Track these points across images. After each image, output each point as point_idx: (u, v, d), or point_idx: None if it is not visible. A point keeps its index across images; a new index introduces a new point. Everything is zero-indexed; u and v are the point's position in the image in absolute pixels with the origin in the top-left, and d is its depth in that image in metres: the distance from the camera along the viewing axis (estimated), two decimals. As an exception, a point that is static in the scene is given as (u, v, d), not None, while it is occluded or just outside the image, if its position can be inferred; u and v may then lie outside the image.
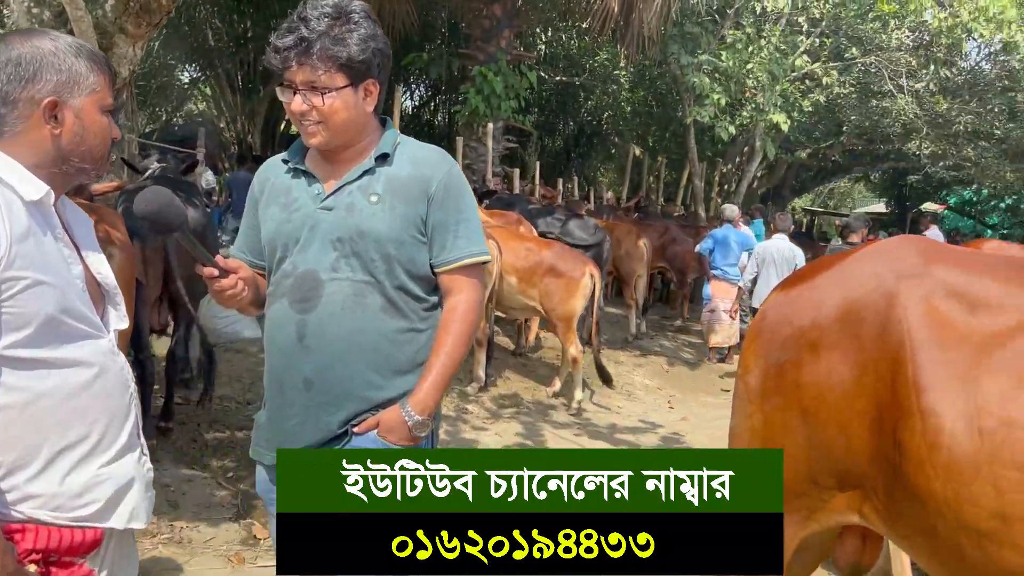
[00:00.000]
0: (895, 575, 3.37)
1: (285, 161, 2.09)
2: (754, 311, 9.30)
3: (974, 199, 26.17)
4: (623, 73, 17.46)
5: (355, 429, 1.97)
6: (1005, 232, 25.82)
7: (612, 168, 22.83)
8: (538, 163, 13.97)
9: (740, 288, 9.74)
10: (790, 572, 2.15)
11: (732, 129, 12.09)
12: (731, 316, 9.75)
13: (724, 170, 17.37)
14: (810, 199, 34.27)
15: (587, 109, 19.74)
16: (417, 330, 2.03)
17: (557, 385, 7.66)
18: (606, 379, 7.34)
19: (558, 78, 17.34)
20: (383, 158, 2.02)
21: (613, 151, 20.51)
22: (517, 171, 12.58)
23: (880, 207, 30.85)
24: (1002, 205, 26.24)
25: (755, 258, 9.17)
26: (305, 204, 2.01)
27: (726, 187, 17.80)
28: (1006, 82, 14.11)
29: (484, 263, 2.11)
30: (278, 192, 2.07)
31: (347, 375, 1.95)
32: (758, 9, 12.29)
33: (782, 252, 8.92)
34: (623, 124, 18.25)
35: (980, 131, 14.52)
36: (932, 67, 14.36)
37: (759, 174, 17.63)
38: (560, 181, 14.19)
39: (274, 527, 2.11)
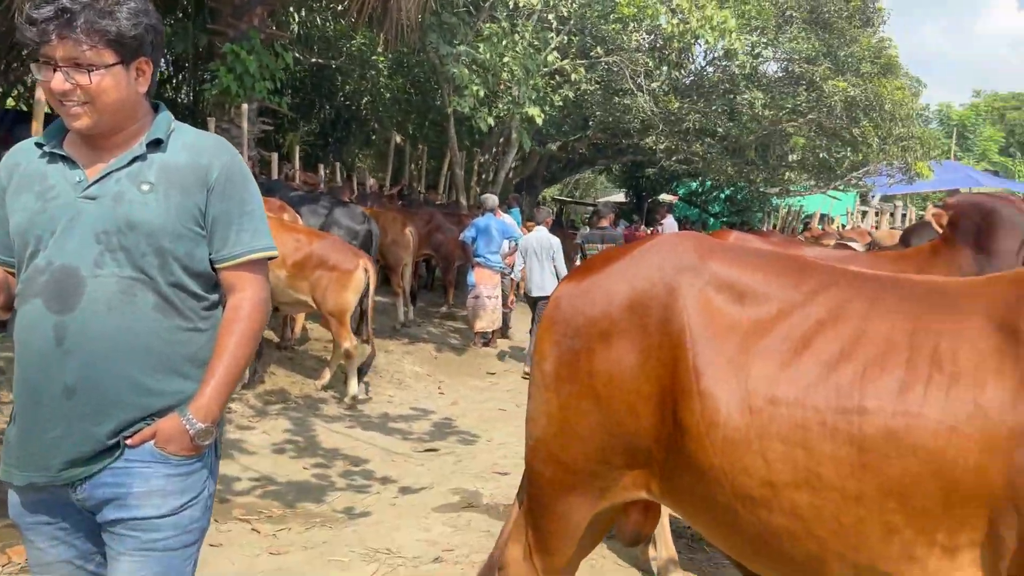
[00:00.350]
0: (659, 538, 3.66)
1: (39, 145, 1.84)
2: (529, 299, 9.84)
3: (699, 190, 28.85)
4: (381, 59, 17.30)
5: (128, 441, 1.79)
6: (725, 220, 28.81)
7: (371, 154, 22.59)
8: (298, 148, 13.49)
9: (503, 275, 10.12)
10: (580, 546, 2.27)
11: (490, 120, 12.40)
12: (497, 302, 10.05)
13: (482, 160, 17.81)
14: (559, 189, 36.09)
15: (345, 94, 19.35)
16: (197, 330, 1.89)
17: (326, 378, 7.48)
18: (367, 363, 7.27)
19: (314, 60, 16.83)
20: (156, 144, 1.85)
21: (373, 137, 20.28)
22: (275, 155, 12.06)
23: (620, 197, 33.16)
24: (722, 196, 29.18)
25: (520, 251, 9.77)
26: (64, 192, 1.80)
27: (484, 176, 18.28)
28: (727, 85, 15.71)
29: (270, 259, 1.99)
30: (31, 179, 1.82)
31: (115, 380, 1.77)
32: (511, 4, 12.68)
33: (541, 243, 9.54)
34: (383, 110, 18.10)
35: (706, 129, 16.07)
36: (665, 68, 15.69)
37: (514, 164, 18.28)
38: (321, 167, 13.81)
39: (33, 552, 1.88)
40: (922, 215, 22.89)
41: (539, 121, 12.72)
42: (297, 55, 14.93)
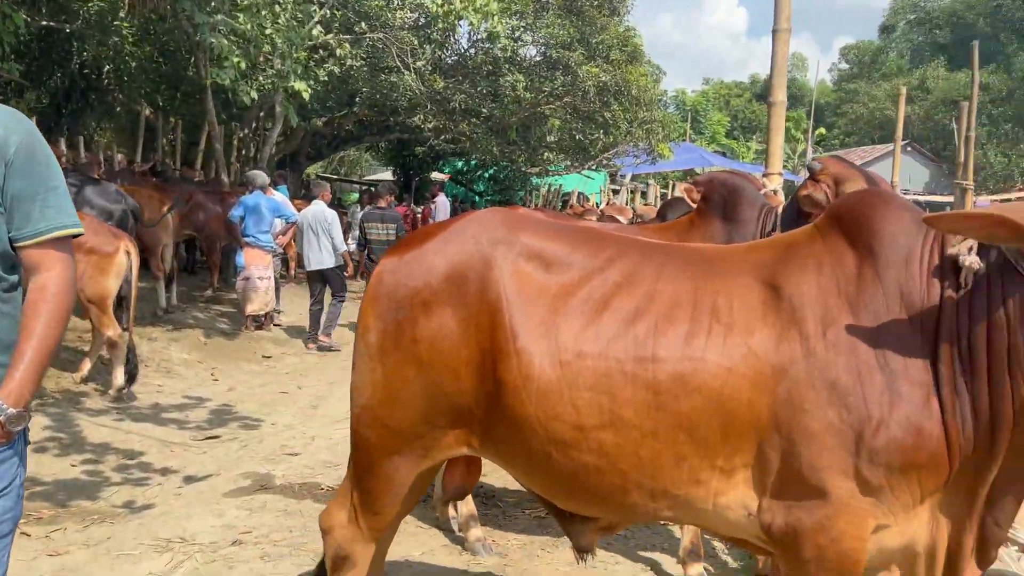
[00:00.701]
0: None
1: None
2: (307, 274, 9.82)
3: (465, 169, 29.50)
4: (125, 25, 15.95)
5: None
6: (489, 198, 29.70)
7: (111, 127, 20.83)
8: (35, 118, 12.16)
9: (274, 255, 9.87)
10: (403, 505, 2.41)
11: (254, 94, 11.91)
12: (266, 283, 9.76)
13: (242, 135, 17.05)
14: (323, 166, 35.34)
15: (82, 60, 17.63)
16: None
17: (85, 369, 6.93)
18: (132, 376, 6.75)
19: (43, 23, 15.18)
20: None
21: (118, 109, 18.68)
22: None
23: (388, 175, 33.14)
24: (486, 175, 30.04)
25: (298, 225, 9.73)
26: None
27: (245, 152, 17.51)
28: (490, 67, 16.20)
29: (76, 236, 1.92)
30: None
31: None
32: (270, -28, 12.23)
33: (317, 217, 9.56)
34: (128, 80, 16.72)
35: (471, 109, 16.50)
36: (430, 48, 15.88)
37: (277, 140, 17.70)
38: (62, 141, 12.57)
39: None
40: (665, 193, 25.03)
41: (306, 96, 12.40)
42: (25, 16, 13.42)
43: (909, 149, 40.02)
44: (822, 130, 41.54)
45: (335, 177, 36.31)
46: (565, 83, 15.97)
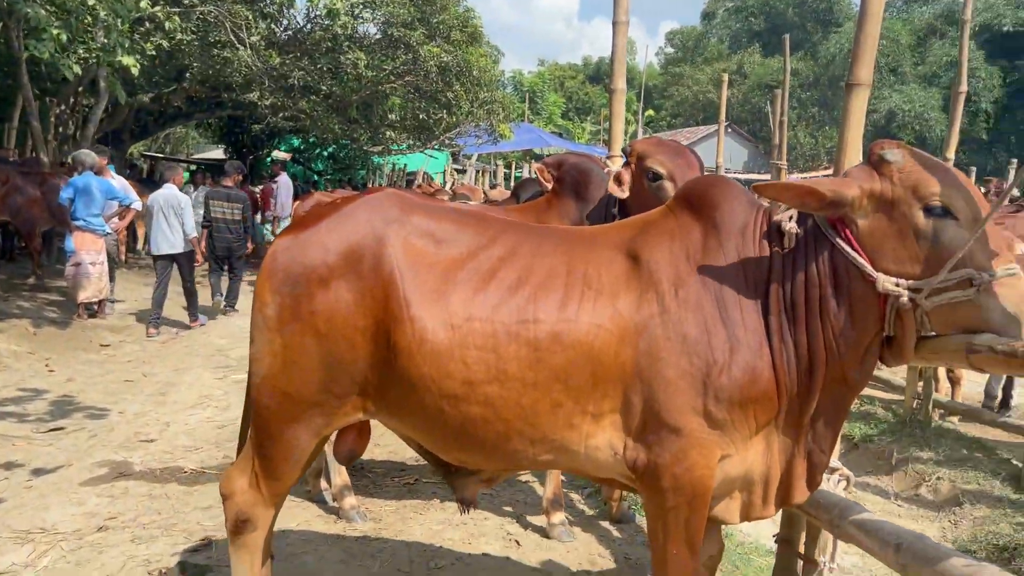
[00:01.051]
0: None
1: None
2: (153, 258, 9.61)
3: (302, 147, 28.80)
4: (-84, -12, 14.48)
5: None
6: (329, 177, 29.18)
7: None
8: None
9: (107, 237, 9.44)
10: (303, 469, 2.57)
11: (77, 68, 11.20)
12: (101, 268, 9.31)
13: (58, 111, 15.92)
14: (147, 144, 33.44)
15: None
16: None
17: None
18: None
19: None
20: None
21: (-90, 82, 16.91)
22: None
23: (219, 153, 31.78)
24: (325, 153, 29.47)
25: (148, 209, 9.57)
26: None
27: (63, 130, 16.36)
28: (330, 44, 15.96)
29: None
30: None
31: None
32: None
33: (169, 200, 9.36)
34: (-75, 51, 15.19)
35: (311, 86, 16.20)
36: (265, 22, 15.43)
37: (100, 117, 16.66)
38: None
39: None
40: (508, 172, 25.51)
41: (135, 71, 11.80)
42: None
43: (729, 130, 42.77)
44: (651, 112, 43.59)
45: (161, 156, 34.46)
46: (407, 62, 15.99)
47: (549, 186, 4.58)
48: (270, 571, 2.76)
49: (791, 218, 2.26)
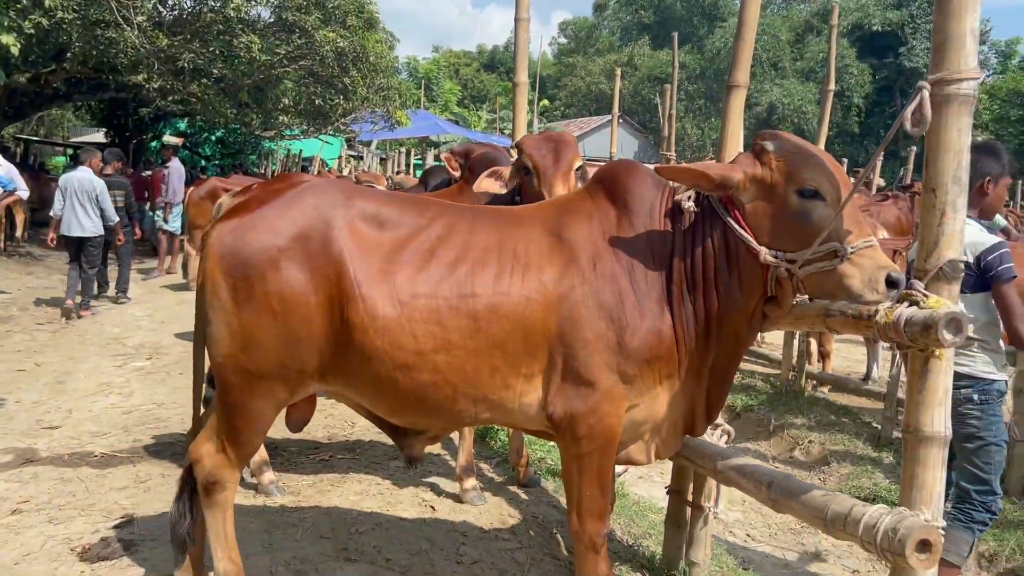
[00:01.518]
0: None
1: None
2: (70, 239, 9.53)
3: (189, 131, 27.91)
4: None
5: None
6: (218, 163, 28.40)
7: None
8: None
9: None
10: (261, 440, 2.75)
11: (-50, 46, 10.68)
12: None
13: (-77, 90, 15.02)
14: (19, 127, 31.69)
15: None
16: None
17: None
18: None
19: None
20: None
21: None
22: None
23: (99, 137, 30.43)
24: (213, 138, 28.65)
25: (59, 190, 9.44)
26: None
27: (-71, 110, 15.43)
28: (222, 26, 15.61)
29: None
30: None
31: None
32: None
33: (83, 184, 9.41)
34: None
35: (201, 69, 15.83)
36: (152, 2, 14.97)
37: (-29, 97, 15.81)
38: None
39: None
40: (409, 160, 25.44)
41: (15, 51, 11.33)
42: None
43: (621, 121, 43.80)
44: (546, 102, 44.23)
45: (36, 139, 32.76)
46: (302, 46, 15.84)
47: (456, 174, 4.83)
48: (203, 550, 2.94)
49: (689, 198, 2.59)
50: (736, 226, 2.49)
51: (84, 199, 9.39)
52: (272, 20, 15.87)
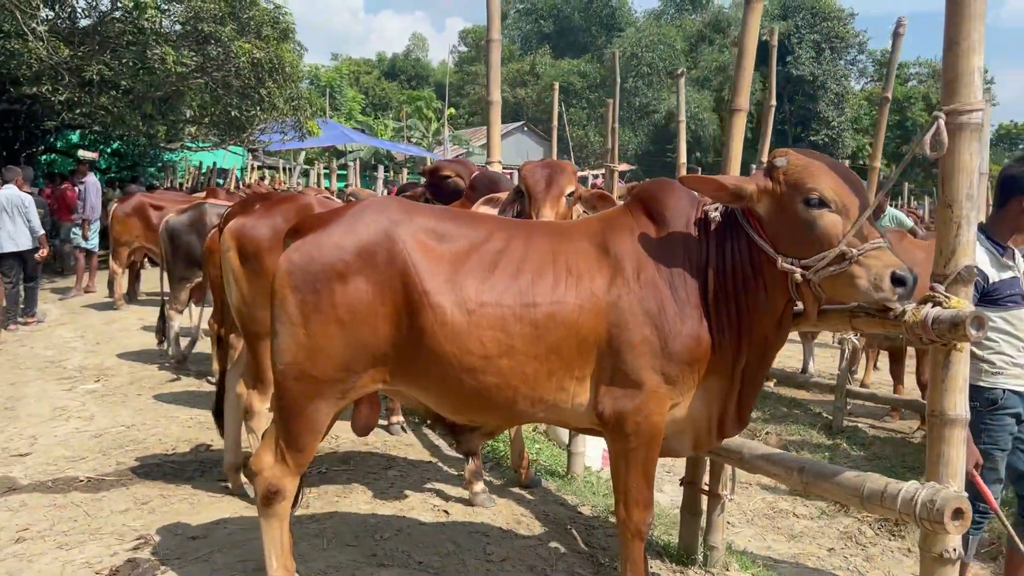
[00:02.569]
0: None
1: None
2: (5, 256, 9.77)
3: (83, 143, 26.76)
4: None
5: None
6: (114, 175, 27.32)
7: None
8: None
9: None
10: (317, 444, 2.94)
11: None
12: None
13: None
14: None
15: None
16: None
17: None
18: None
19: None
20: None
21: None
22: None
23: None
24: (108, 151, 27.56)
25: None
26: None
27: None
28: (131, 37, 15.17)
29: None
30: None
31: None
32: None
33: (12, 200, 9.78)
34: None
35: (110, 81, 15.34)
36: (56, 11, 14.42)
37: None
38: None
39: None
40: (307, 170, 25.02)
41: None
42: None
43: (525, 129, 44.56)
44: (452, 110, 44.43)
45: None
46: (217, 57, 15.57)
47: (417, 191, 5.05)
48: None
49: (716, 210, 2.87)
50: (756, 236, 2.77)
51: (14, 213, 9.69)
52: (187, 30, 15.51)
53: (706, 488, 3.53)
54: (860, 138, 45.56)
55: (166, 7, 14.84)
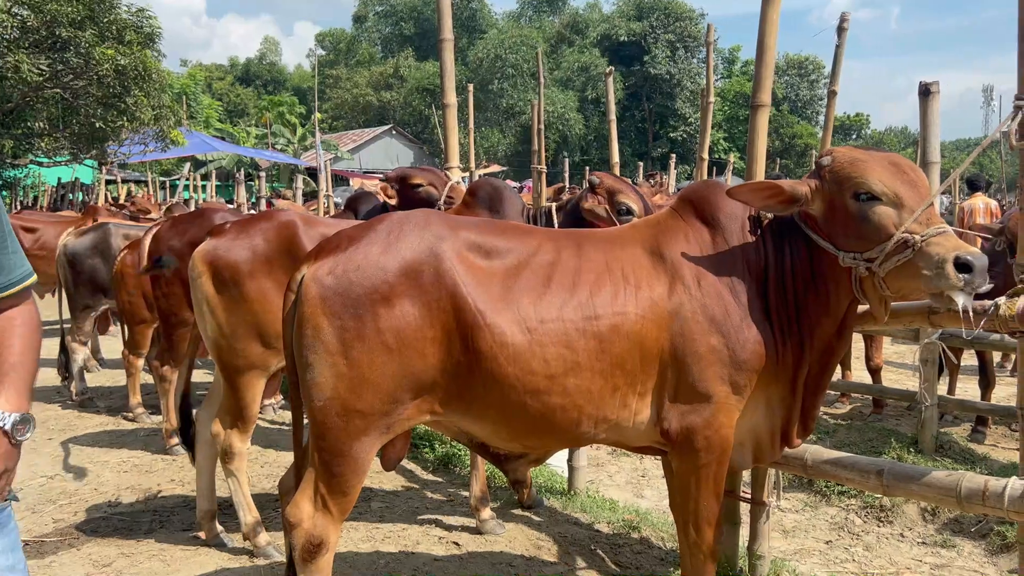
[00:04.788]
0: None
1: None
2: None
3: None
4: None
5: None
6: None
7: None
8: None
9: None
10: (360, 486, 2.64)
11: None
12: None
13: None
14: None
15: None
16: None
17: None
18: None
19: None
20: None
21: None
22: None
23: None
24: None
25: None
26: None
27: None
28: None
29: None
30: None
31: None
32: None
33: None
34: None
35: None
36: None
37: None
38: None
39: None
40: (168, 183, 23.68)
41: None
42: None
43: (394, 132, 43.97)
44: (319, 115, 43.18)
45: None
46: (78, 65, 14.43)
47: (393, 201, 4.76)
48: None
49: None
50: (814, 235, 2.68)
51: None
52: (42, 37, 14.24)
53: (747, 495, 3.43)
54: (715, 132, 47.68)
55: (18, 12, 13.57)
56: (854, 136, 60.53)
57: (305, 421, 2.67)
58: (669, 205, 2.97)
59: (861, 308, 2.74)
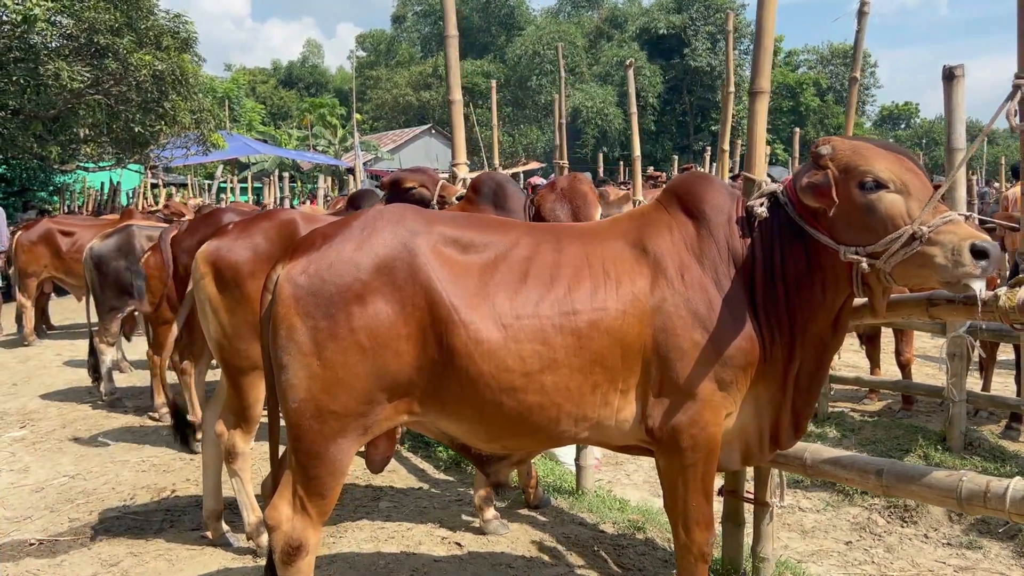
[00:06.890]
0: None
1: None
2: None
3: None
4: None
5: None
6: (2, 203, 25.58)
7: None
8: None
9: None
10: (339, 487, 2.58)
11: None
12: None
13: None
14: None
15: None
16: None
17: None
18: None
19: None
20: None
21: None
22: None
23: None
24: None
25: None
26: None
27: None
28: (19, 53, 14.14)
29: None
30: None
31: None
32: None
33: None
34: None
35: (1, 103, 14.30)
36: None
37: None
38: None
39: None
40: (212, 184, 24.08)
41: None
42: None
43: (433, 132, 44.13)
44: (359, 116, 43.57)
45: None
46: (117, 71, 14.70)
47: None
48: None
49: (761, 204, 2.64)
50: (812, 230, 2.56)
51: None
52: (82, 43, 14.53)
53: (750, 496, 3.32)
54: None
55: (57, 20, 13.87)
56: (903, 126, 59.09)
57: (283, 423, 2.64)
58: (654, 197, 2.88)
59: (857, 301, 2.63)
